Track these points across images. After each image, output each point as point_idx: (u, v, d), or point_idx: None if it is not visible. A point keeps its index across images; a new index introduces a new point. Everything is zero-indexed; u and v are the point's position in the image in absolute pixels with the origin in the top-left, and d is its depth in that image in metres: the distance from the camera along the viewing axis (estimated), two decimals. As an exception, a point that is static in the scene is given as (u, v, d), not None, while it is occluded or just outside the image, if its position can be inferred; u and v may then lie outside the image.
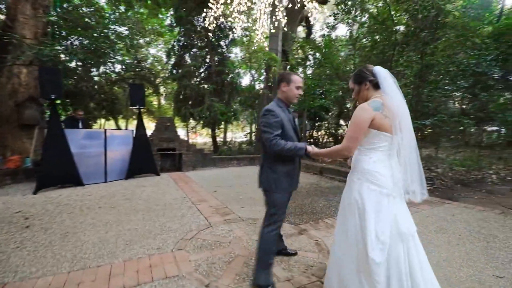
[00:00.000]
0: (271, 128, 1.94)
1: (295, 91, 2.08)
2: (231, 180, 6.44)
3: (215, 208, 4.09)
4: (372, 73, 1.68)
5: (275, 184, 2.04)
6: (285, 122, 2.03)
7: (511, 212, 4.08)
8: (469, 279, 2.20)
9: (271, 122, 1.95)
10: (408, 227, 1.51)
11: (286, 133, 2.01)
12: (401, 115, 1.55)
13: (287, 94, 2.10)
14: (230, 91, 10.69)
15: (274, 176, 2.04)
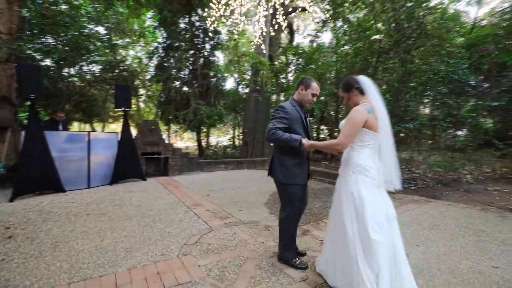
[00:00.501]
0: (277, 121, 2.15)
1: (310, 97, 2.28)
2: (222, 184, 6.34)
3: (213, 212, 4.00)
4: (357, 82, 1.96)
5: (288, 177, 2.23)
6: (295, 119, 2.21)
7: (490, 208, 4.40)
8: (470, 270, 2.33)
9: (279, 117, 2.17)
10: (392, 211, 1.81)
11: (294, 128, 2.20)
12: (384, 117, 1.83)
13: (303, 97, 2.30)
14: (216, 94, 10.59)
15: (284, 169, 2.24)
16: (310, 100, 2.29)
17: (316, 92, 2.27)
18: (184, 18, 10.68)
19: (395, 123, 5.99)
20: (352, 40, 8.30)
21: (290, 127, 2.18)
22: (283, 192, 2.31)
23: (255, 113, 9.90)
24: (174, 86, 10.54)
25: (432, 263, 2.46)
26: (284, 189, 2.28)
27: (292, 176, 2.23)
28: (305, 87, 2.28)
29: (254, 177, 7.40)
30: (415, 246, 2.85)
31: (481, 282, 2.13)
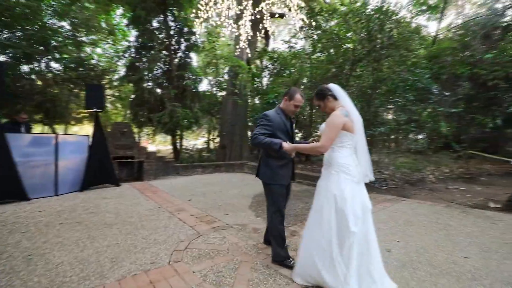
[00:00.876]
0: (260, 128, 2.36)
1: (293, 107, 2.45)
2: (202, 188, 6.22)
3: (198, 217, 3.91)
4: (329, 89, 2.16)
5: (272, 177, 2.41)
6: (278, 127, 2.39)
7: (453, 205, 4.87)
8: (446, 261, 2.56)
9: (262, 124, 2.38)
10: (368, 203, 2.00)
11: (277, 136, 2.35)
12: (358, 119, 2.03)
13: (286, 107, 2.47)
14: (192, 96, 10.37)
15: (269, 170, 2.42)
16: (293, 110, 2.46)
17: (298, 103, 2.42)
18: (158, 17, 10.35)
19: (366, 126, 6.36)
20: (326, 48, 8.65)
21: (274, 134, 2.35)
22: (268, 191, 2.47)
23: (232, 116, 9.87)
24: (148, 87, 10.14)
25: (413, 256, 2.66)
26: (268, 189, 2.46)
27: (276, 177, 2.40)
28: (289, 98, 2.43)
29: (233, 180, 7.36)
30: (395, 242, 3.05)
31: (457, 271, 2.35)
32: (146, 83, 10.18)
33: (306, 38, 8.05)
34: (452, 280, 2.20)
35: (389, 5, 6.86)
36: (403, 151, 13.08)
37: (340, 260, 1.91)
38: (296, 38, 7.85)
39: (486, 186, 7.05)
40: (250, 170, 8.89)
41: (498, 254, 2.71)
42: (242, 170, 9.06)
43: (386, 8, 6.60)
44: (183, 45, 10.77)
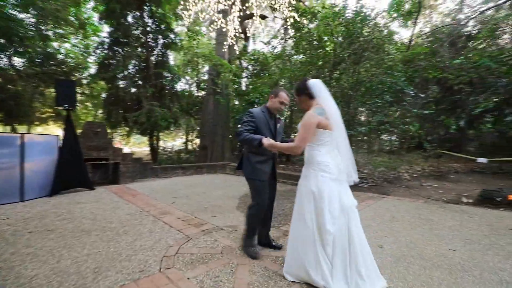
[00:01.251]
0: (244, 125, 2.44)
1: (278, 105, 2.50)
2: (185, 190, 5.98)
3: (184, 220, 3.72)
4: (306, 87, 2.11)
5: (252, 172, 2.48)
6: (261, 124, 2.46)
7: (430, 201, 5.13)
8: (435, 254, 2.64)
9: (246, 121, 2.46)
10: (347, 202, 1.98)
11: (260, 132, 2.43)
12: (335, 115, 2.01)
13: (272, 105, 2.53)
14: (170, 96, 10.01)
15: (250, 165, 2.50)
16: (278, 107, 2.51)
17: (283, 100, 2.49)
18: (134, 12, 9.88)
19: (346, 127, 6.54)
20: (307, 49, 8.78)
21: (258, 131, 2.43)
22: (250, 185, 2.56)
23: (214, 116, 9.66)
24: (123, 85, 9.64)
25: (404, 251, 2.72)
26: (250, 183, 2.56)
27: (256, 172, 2.47)
28: (274, 95, 2.51)
29: (216, 182, 7.18)
30: (385, 237, 3.12)
31: (447, 264, 2.44)
32: (121, 81, 9.66)
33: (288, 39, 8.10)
34: (445, 273, 2.27)
35: (367, 10, 7.14)
36: (377, 151, 13.70)
37: (325, 258, 1.91)
38: (279, 39, 7.86)
39: (455, 183, 7.55)
40: (232, 171, 8.75)
41: (480, 245, 2.86)
42: (224, 171, 8.89)
43: (364, 14, 6.86)
44: (161, 42, 10.38)
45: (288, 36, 7.29)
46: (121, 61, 9.35)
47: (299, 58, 9.55)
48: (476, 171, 9.73)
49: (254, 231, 2.59)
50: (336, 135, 2.02)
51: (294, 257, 2.08)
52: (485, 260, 2.50)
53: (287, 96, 2.53)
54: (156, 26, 10.21)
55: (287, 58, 9.35)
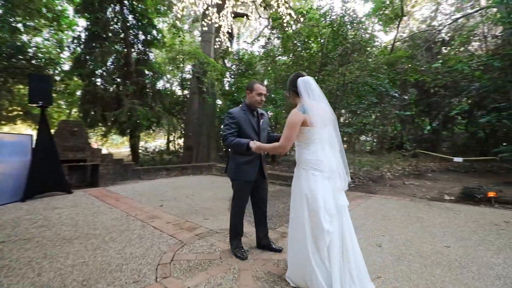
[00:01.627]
0: (226, 128, 2.41)
1: (257, 97, 2.45)
2: (172, 192, 5.74)
3: (176, 224, 3.53)
4: (294, 84, 2.05)
5: (235, 173, 2.46)
6: (243, 123, 2.43)
7: (415, 199, 5.29)
8: (432, 251, 2.69)
9: (227, 123, 2.42)
10: (341, 201, 1.92)
11: (244, 131, 2.42)
12: (323, 113, 1.95)
13: (251, 100, 2.49)
14: (153, 94, 9.63)
15: (234, 166, 2.47)
16: (258, 100, 2.46)
17: (260, 91, 2.44)
18: (113, 6, 9.40)
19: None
20: (293, 50, 8.80)
21: (241, 130, 2.41)
22: (233, 186, 2.55)
23: (199, 116, 9.42)
24: (101, 82, 9.13)
25: (403, 249, 2.75)
26: (233, 184, 2.54)
27: (241, 173, 2.44)
28: (250, 90, 2.48)
29: (203, 183, 6.98)
30: (381, 236, 3.14)
31: (446, 261, 2.48)
32: (99, 78, 9.14)
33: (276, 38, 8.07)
34: (445, 270, 2.31)
35: (352, 13, 7.30)
36: (358, 151, 14.07)
37: (320, 262, 1.83)
38: (267, 39, 7.81)
39: (434, 181, 7.89)
40: (218, 171, 8.56)
41: (471, 241, 2.96)
42: (210, 172, 8.69)
43: (350, 16, 7.02)
44: (142, 39, 9.95)
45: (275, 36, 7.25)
46: (99, 57, 8.83)
47: (283, 59, 9.58)
48: (450, 169, 10.28)
49: (236, 231, 2.60)
50: (325, 133, 1.95)
51: (294, 262, 2.02)
52: (479, 256, 2.58)
53: (263, 86, 2.50)
54: (137, 21, 9.78)
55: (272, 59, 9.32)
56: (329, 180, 1.91)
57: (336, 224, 1.86)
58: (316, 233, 1.85)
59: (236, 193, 2.54)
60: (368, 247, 2.82)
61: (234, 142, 2.32)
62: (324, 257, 1.82)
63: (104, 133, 10.66)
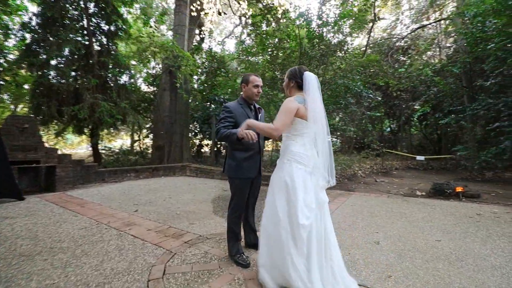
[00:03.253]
0: (221, 122, 2.27)
1: (253, 89, 2.34)
2: (145, 195, 5.24)
3: (158, 231, 3.16)
4: (300, 76, 2.00)
5: (236, 171, 2.29)
6: (240, 117, 2.27)
7: (392, 195, 5.53)
8: (427, 246, 2.75)
9: (222, 117, 2.29)
10: (323, 196, 1.87)
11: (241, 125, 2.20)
12: (318, 110, 1.89)
13: (247, 93, 2.38)
14: (118, 89, 8.79)
15: (233, 163, 2.31)
16: (255, 92, 2.36)
17: (256, 83, 2.34)
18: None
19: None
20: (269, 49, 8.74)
21: (237, 125, 2.23)
22: (232, 185, 2.38)
23: (171, 114, 8.83)
24: (57, 73, 8.09)
25: (400, 246, 2.76)
26: (232, 182, 2.36)
27: (240, 170, 2.28)
28: (245, 83, 2.37)
29: (178, 185, 6.53)
30: (375, 233, 3.15)
31: (443, 254, 2.54)
32: (54, 69, 8.09)
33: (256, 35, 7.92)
34: (445, 263, 2.35)
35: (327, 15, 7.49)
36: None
37: (298, 259, 1.72)
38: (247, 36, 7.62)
39: (400, 178, 8.43)
40: (193, 172, 8.12)
41: (457, 234, 3.10)
42: (184, 173, 8.20)
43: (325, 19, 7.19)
44: (106, 28, 9.05)
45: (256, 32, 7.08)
46: (55, 46, 7.79)
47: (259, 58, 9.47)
48: (411, 167, 11.12)
49: (235, 234, 2.40)
50: (314, 129, 1.91)
51: (269, 261, 1.88)
52: (469, 248, 2.69)
53: (259, 77, 2.41)
54: (99, 9, 8.86)
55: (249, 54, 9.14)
56: (311, 176, 1.87)
57: (317, 219, 1.79)
58: (293, 228, 1.76)
59: (236, 192, 2.35)
60: (367, 245, 2.79)
61: (225, 133, 2.16)
62: (302, 254, 1.73)
63: (58, 132, 9.48)
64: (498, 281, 2.05)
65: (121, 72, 9.28)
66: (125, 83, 9.37)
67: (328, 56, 7.14)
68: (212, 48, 12.12)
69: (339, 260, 1.84)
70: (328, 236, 1.81)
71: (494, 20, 6.55)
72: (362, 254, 2.56)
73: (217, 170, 7.67)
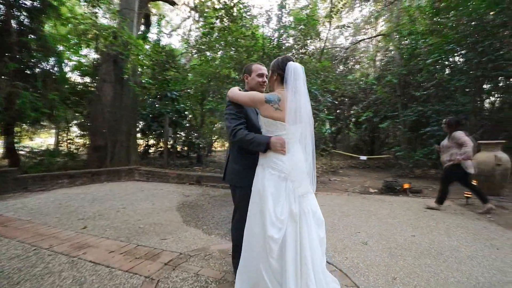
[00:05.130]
0: (232, 119, 1.91)
1: (258, 79, 2.06)
2: (91, 206, 4.35)
3: (125, 252, 2.59)
4: (282, 68, 1.75)
5: (241, 178, 1.97)
6: (250, 112, 2.02)
7: (350, 193, 5.89)
8: (407, 242, 2.92)
9: (233, 112, 1.93)
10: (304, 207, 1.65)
11: (252, 123, 2.00)
12: (302, 109, 1.67)
13: (251, 84, 2.09)
14: (44, 77, 7.21)
15: (240, 170, 1.99)
16: (259, 82, 2.06)
17: (260, 71, 2.06)
18: None
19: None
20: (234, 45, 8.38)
21: (248, 122, 1.98)
22: (234, 196, 2.07)
23: (114, 109, 7.65)
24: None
25: (385, 244, 2.87)
26: (237, 193, 2.03)
27: (247, 178, 1.90)
28: (248, 73, 2.12)
29: (131, 191, 5.68)
30: (357, 233, 3.23)
31: (425, 250, 2.72)
32: None
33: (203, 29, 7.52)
34: (431, 259, 2.51)
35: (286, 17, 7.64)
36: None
37: (271, 273, 1.59)
38: (207, 27, 7.11)
39: (348, 176, 9.15)
40: (143, 176, 7.21)
41: (423, 228, 3.41)
42: (133, 177, 7.21)
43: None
44: (29, 2, 7.32)
45: (209, 27, 6.64)
46: None
47: (214, 53, 9.02)
48: (352, 166, 12.25)
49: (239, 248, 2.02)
50: (300, 130, 1.72)
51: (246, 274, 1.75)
52: (440, 241, 2.97)
53: (262, 65, 2.12)
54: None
55: (200, 54, 8.62)
56: (286, 182, 1.65)
57: (289, 232, 1.58)
58: (264, 240, 1.61)
59: (242, 202, 1.98)
60: (357, 246, 2.82)
61: (250, 138, 1.78)
62: (273, 269, 1.58)
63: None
64: (481, 271, 2.28)
65: (47, 57, 7.65)
66: (53, 70, 7.76)
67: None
68: (160, 39, 11.07)
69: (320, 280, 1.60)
70: (304, 253, 1.56)
71: (426, 39, 7.65)
72: (358, 256, 2.56)
73: (173, 174, 6.99)
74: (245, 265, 1.76)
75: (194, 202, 4.79)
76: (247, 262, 1.74)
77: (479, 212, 4.08)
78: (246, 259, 1.75)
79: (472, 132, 6.26)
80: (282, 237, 1.58)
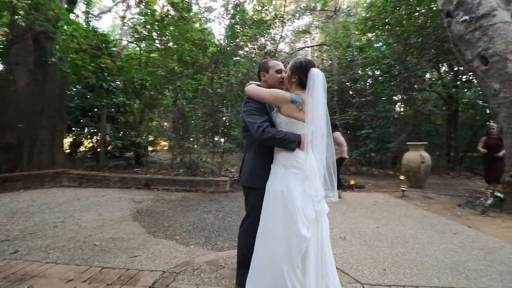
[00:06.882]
0: (256, 115, 1.79)
1: (276, 75, 1.93)
2: (14, 223, 3.37)
3: (89, 280, 2.09)
4: (305, 72, 1.73)
5: (260, 180, 1.83)
6: (269, 109, 1.95)
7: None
8: (376, 233, 3.24)
9: (254, 108, 1.82)
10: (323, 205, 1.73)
11: (271, 121, 1.88)
12: (318, 111, 1.67)
13: (269, 82, 1.96)
14: None
15: (261, 171, 1.85)
16: (278, 78, 1.94)
17: (278, 67, 1.95)
18: None
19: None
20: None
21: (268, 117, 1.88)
22: (249, 198, 1.96)
23: (33, 100, 6.09)
24: None
25: (359, 238, 3.11)
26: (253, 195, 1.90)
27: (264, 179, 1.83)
28: (265, 71, 1.97)
29: (63, 200, 4.66)
30: (332, 229, 3.36)
31: (393, 239, 3.06)
32: None
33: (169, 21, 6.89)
34: (403, 247, 2.84)
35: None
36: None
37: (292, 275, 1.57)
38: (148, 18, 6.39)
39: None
40: (74, 182, 6.00)
41: (381, 220, 3.84)
42: (60, 182, 5.91)
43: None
44: None
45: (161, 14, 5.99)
46: None
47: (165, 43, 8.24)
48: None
49: (247, 260, 1.87)
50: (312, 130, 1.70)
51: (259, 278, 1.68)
52: (399, 230, 3.38)
53: (279, 61, 2.07)
54: None
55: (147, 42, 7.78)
56: (309, 180, 1.67)
57: (314, 231, 1.62)
58: (290, 240, 1.58)
59: (257, 206, 1.82)
60: (339, 242, 2.99)
61: (282, 135, 1.68)
62: (297, 269, 1.57)
63: None
64: (443, 254, 2.68)
65: None
66: None
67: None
68: (90, 21, 9.42)
69: (335, 278, 1.70)
70: (325, 251, 1.66)
71: (362, 54, 8.71)
72: (344, 252, 2.69)
73: (115, 177, 6.06)
74: (257, 272, 1.69)
75: (151, 209, 4.25)
76: (261, 269, 1.68)
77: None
78: (260, 266, 1.68)
79: (399, 135, 7.44)
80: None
